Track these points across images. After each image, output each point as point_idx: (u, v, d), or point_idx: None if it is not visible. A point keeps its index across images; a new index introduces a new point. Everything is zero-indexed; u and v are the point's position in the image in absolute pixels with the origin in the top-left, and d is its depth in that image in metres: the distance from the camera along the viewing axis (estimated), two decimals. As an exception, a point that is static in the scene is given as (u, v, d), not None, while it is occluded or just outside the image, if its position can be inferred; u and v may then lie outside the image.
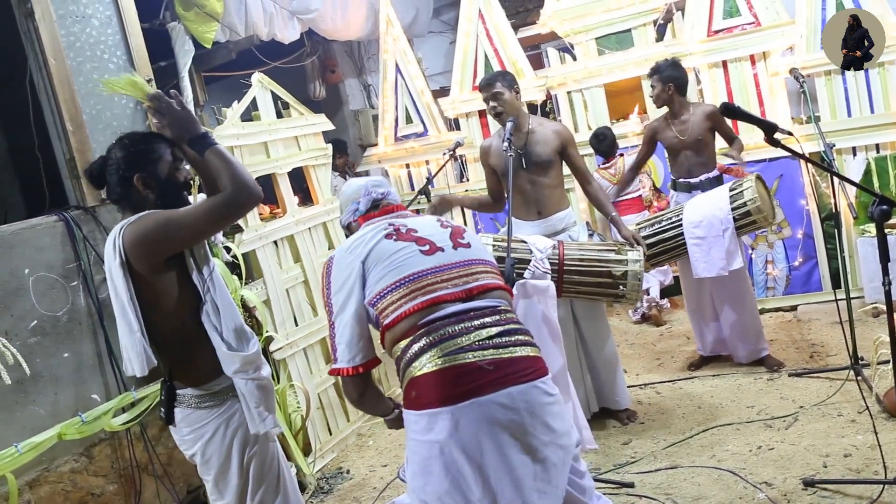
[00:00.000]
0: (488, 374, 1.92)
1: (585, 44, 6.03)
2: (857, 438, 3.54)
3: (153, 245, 2.30)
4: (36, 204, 4.29)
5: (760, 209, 4.24)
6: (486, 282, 2.11)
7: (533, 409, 1.94)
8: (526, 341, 2.04)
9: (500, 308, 2.08)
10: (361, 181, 2.43)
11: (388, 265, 2.07)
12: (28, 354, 3.21)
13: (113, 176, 2.46)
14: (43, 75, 3.72)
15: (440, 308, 2.01)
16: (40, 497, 3.33)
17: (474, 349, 1.95)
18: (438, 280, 2.05)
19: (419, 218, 2.31)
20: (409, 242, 2.12)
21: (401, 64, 6.40)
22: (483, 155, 4.28)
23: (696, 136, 4.56)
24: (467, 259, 2.13)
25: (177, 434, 2.54)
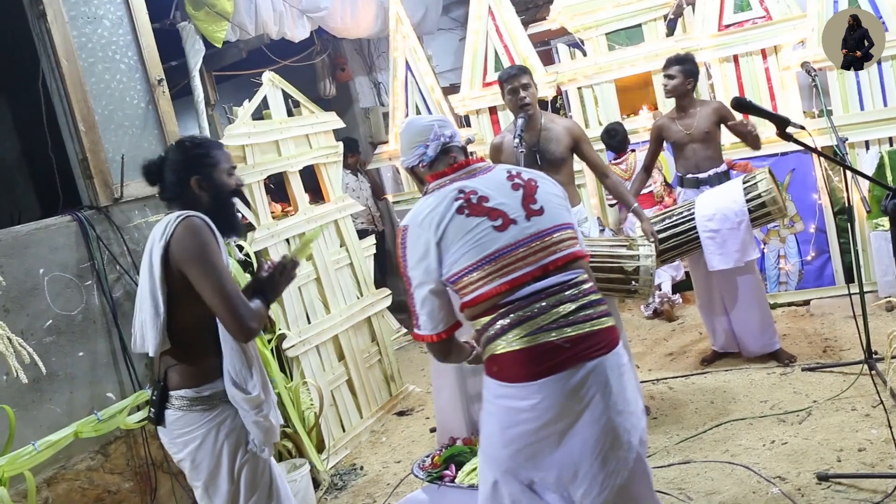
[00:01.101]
0: (566, 352, 2.00)
1: (595, 39, 6.02)
2: (872, 433, 3.53)
3: (185, 255, 2.39)
4: (49, 204, 4.32)
5: (776, 200, 4.23)
6: (563, 253, 2.12)
7: (608, 381, 2.03)
8: (600, 313, 2.10)
9: (575, 281, 2.11)
10: (426, 119, 2.37)
11: (463, 245, 2.08)
12: (43, 353, 3.23)
13: (170, 175, 2.55)
14: (55, 76, 3.74)
15: (519, 290, 2.05)
16: (58, 494, 3.36)
17: (552, 328, 2.01)
18: (514, 259, 2.07)
19: (489, 177, 2.22)
20: (482, 218, 2.10)
21: (411, 61, 6.41)
22: (494, 152, 4.28)
23: (703, 130, 4.55)
24: (541, 230, 2.12)
25: (166, 436, 2.55)
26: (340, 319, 4.85)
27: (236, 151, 4.36)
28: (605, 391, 2.02)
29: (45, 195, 4.61)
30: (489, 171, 2.24)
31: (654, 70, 5.81)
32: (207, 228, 2.44)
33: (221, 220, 2.57)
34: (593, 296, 2.12)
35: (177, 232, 2.40)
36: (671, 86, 4.58)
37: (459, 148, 2.33)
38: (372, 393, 5.09)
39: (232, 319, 2.34)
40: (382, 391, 5.22)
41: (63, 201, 4.05)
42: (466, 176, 2.22)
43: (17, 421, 2.92)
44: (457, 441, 3.31)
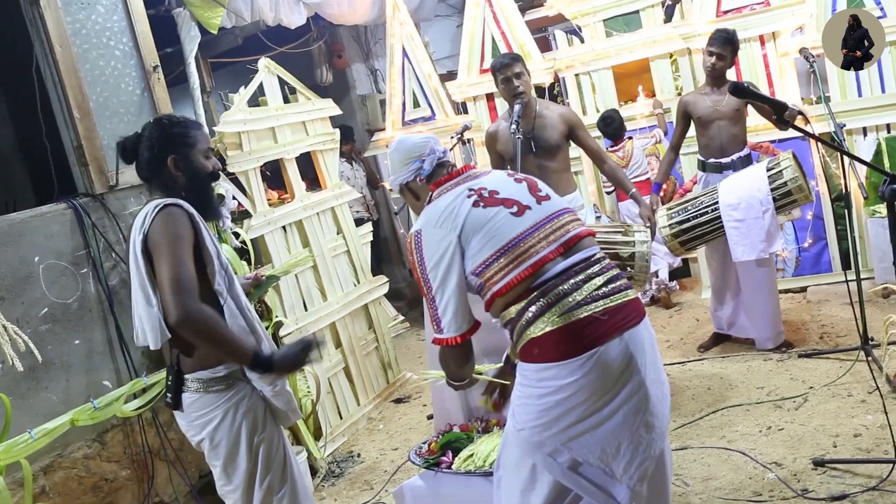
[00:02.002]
0: (604, 324, 2.03)
1: (593, 26, 5.99)
2: (868, 418, 3.54)
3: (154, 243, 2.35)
4: (44, 192, 4.30)
5: (802, 188, 4.17)
6: (576, 231, 2.17)
7: (643, 348, 2.08)
8: (627, 285, 2.15)
9: (597, 256, 2.16)
10: (418, 137, 2.40)
11: (484, 235, 2.10)
12: (39, 342, 3.23)
13: (146, 153, 2.50)
14: (49, 63, 3.72)
15: (547, 269, 2.08)
16: (55, 482, 3.36)
17: (588, 302, 2.05)
18: (535, 241, 2.11)
19: (490, 176, 2.29)
20: (498, 207, 2.15)
21: (408, 48, 6.38)
22: (489, 140, 4.26)
23: (734, 107, 4.46)
24: (552, 212, 2.18)
25: (183, 419, 2.55)
26: (337, 307, 4.85)
27: (232, 138, 4.35)
28: (643, 359, 2.07)
29: (40, 183, 4.59)
30: (488, 173, 2.29)
31: (651, 56, 5.79)
32: (185, 218, 2.39)
33: (198, 203, 2.53)
34: (614, 270, 2.17)
35: (154, 222, 2.36)
36: (720, 66, 4.46)
37: (452, 164, 2.38)
38: (369, 380, 5.09)
39: (168, 302, 2.24)
40: (379, 378, 5.23)
41: (58, 189, 4.03)
42: (471, 178, 2.26)
43: (13, 409, 2.91)
44: (453, 427, 3.31)
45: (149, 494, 3.75)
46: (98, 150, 3.80)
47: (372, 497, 3.85)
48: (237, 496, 2.56)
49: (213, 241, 2.50)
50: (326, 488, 4.08)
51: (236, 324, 2.47)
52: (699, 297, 5.89)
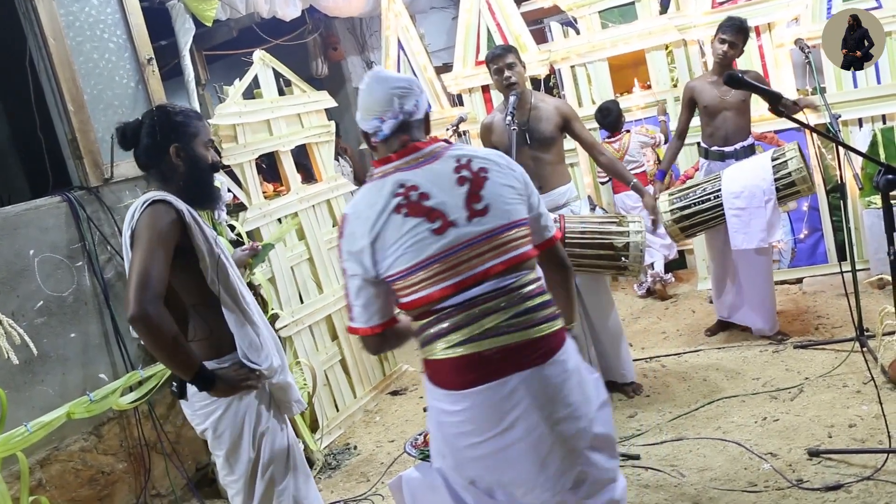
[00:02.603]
0: (495, 363, 1.93)
1: (589, 17, 5.98)
2: (862, 409, 3.55)
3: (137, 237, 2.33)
4: (39, 185, 4.30)
5: (806, 179, 4.17)
6: (504, 258, 1.97)
7: (543, 390, 1.95)
8: (540, 319, 1.98)
9: (513, 286, 1.98)
10: (389, 86, 2.09)
11: (399, 248, 1.96)
12: (35, 335, 3.23)
13: (148, 139, 2.48)
14: (43, 56, 3.70)
15: (452, 296, 1.95)
16: (51, 475, 3.37)
17: (482, 338, 1.93)
18: (451, 265, 1.94)
19: (434, 168, 2.03)
20: (420, 219, 1.95)
21: (403, 40, 6.36)
22: (484, 132, 4.26)
23: (740, 98, 4.47)
24: (481, 233, 1.96)
25: (188, 409, 2.55)
26: (333, 299, 4.85)
27: (227, 131, 4.34)
28: (539, 401, 1.94)
29: (34, 176, 4.59)
30: (436, 159, 2.04)
31: (647, 48, 5.78)
32: (171, 215, 2.36)
33: (198, 193, 2.53)
34: (536, 299, 2.00)
35: (140, 217, 2.34)
36: (731, 55, 4.44)
37: (420, 121, 2.12)
38: (365, 372, 5.10)
39: (130, 296, 2.20)
40: (376, 371, 5.23)
41: (53, 182, 4.03)
42: (412, 164, 2.04)
43: (9, 402, 2.92)
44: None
45: (145, 487, 3.76)
46: (92, 142, 3.79)
47: (368, 489, 3.86)
48: (239, 486, 2.57)
49: (207, 235, 2.48)
50: (323, 480, 4.09)
51: (234, 319, 2.47)
52: (695, 289, 5.90)
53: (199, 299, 2.46)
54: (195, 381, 2.35)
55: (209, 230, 2.52)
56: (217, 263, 2.47)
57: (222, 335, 2.48)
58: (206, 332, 2.47)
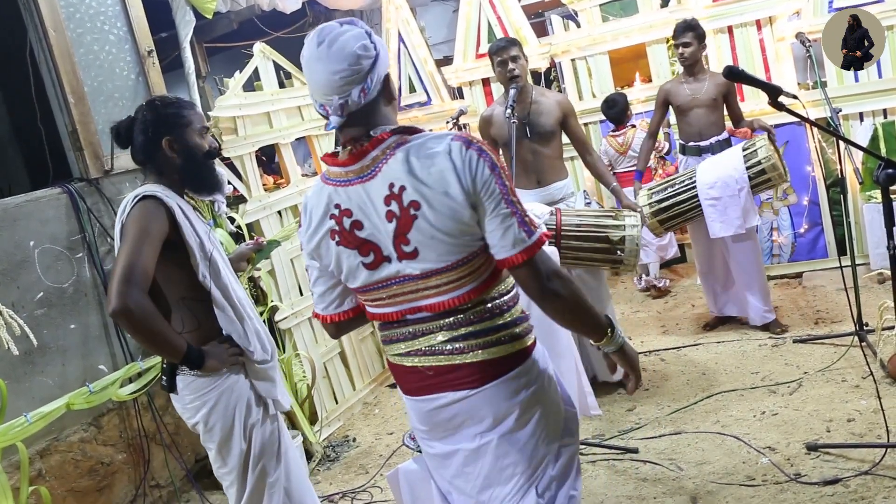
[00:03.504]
0: (428, 378, 1.87)
1: (589, 10, 5.97)
2: (861, 403, 3.56)
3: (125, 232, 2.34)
4: (40, 177, 4.29)
5: (776, 166, 4.25)
6: (437, 300, 1.81)
7: (478, 411, 1.85)
8: (480, 343, 1.82)
9: (455, 318, 1.83)
10: (327, 72, 1.72)
11: (336, 268, 1.87)
12: (35, 326, 3.23)
13: (140, 137, 2.49)
14: (43, 47, 3.70)
15: (394, 320, 1.89)
16: (51, 466, 3.37)
17: (415, 354, 1.87)
18: (389, 295, 1.85)
19: (368, 189, 1.76)
20: (353, 251, 1.81)
21: (403, 33, 6.35)
22: (484, 125, 4.27)
23: (711, 96, 4.59)
24: (413, 274, 1.78)
25: (178, 402, 2.56)
26: (333, 292, 4.84)
27: (227, 123, 4.33)
28: (476, 420, 1.86)
29: (35, 167, 4.58)
30: (373, 175, 1.75)
31: (648, 41, 5.77)
32: (161, 211, 2.37)
33: (198, 181, 2.54)
34: (483, 323, 1.82)
35: (130, 212, 2.36)
36: (688, 53, 4.57)
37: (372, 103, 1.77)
38: (364, 365, 5.10)
39: (113, 289, 2.22)
40: (375, 363, 5.24)
41: (53, 173, 4.03)
42: (350, 178, 1.78)
43: (9, 393, 2.92)
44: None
45: (145, 478, 3.77)
46: (93, 134, 3.79)
47: (367, 481, 3.87)
48: (232, 478, 2.59)
49: (199, 231, 2.47)
50: (322, 472, 4.10)
51: (223, 315, 2.48)
52: (695, 283, 5.89)
53: (189, 293, 2.47)
54: (185, 362, 2.37)
55: (202, 226, 2.52)
56: (209, 259, 2.47)
57: (211, 328, 2.49)
58: (194, 325, 2.48)
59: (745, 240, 4.51)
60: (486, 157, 1.72)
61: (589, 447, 3.66)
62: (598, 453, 3.62)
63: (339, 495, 3.79)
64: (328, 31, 1.74)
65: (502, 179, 1.73)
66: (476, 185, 1.70)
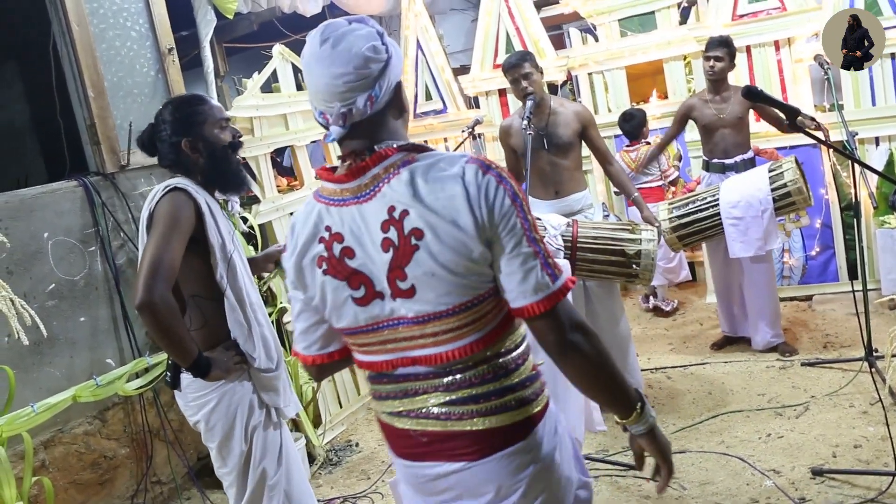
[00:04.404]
0: (422, 444, 1.63)
1: (608, 25, 5.98)
2: (869, 430, 3.53)
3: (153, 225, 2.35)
4: (56, 169, 4.32)
5: (801, 190, 4.22)
6: (432, 352, 1.57)
7: (475, 489, 1.63)
8: (477, 411, 1.57)
9: (451, 375, 1.58)
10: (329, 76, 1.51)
11: (321, 301, 1.63)
12: (45, 317, 3.24)
13: (163, 142, 2.50)
14: (66, 41, 3.73)
15: (384, 371, 1.65)
16: (55, 457, 3.39)
17: (407, 416, 1.63)
18: (378, 341, 1.61)
19: (365, 211, 1.53)
20: (342, 282, 1.57)
21: (422, 40, 6.37)
22: (503, 135, 4.28)
23: (736, 115, 4.53)
24: (408, 317, 1.55)
25: (182, 400, 2.57)
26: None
27: (244, 123, 4.35)
28: (474, 495, 1.63)
29: (52, 160, 4.61)
30: (372, 196, 1.53)
31: (665, 58, 5.77)
32: (189, 205, 2.38)
33: (223, 179, 2.54)
34: (486, 385, 1.57)
35: (160, 202, 2.37)
36: (718, 68, 4.49)
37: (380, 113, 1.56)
38: (371, 370, 5.09)
39: (141, 282, 2.23)
40: (381, 369, 5.22)
41: (70, 166, 4.05)
42: (345, 198, 1.56)
43: (17, 383, 2.93)
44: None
45: (147, 474, 3.77)
46: (111, 129, 3.81)
47: (368, 486, 3.86)
48: (232, 478, 2.58)
49: (223, 231, 2.48)
50: (323, 476, 4.09)
51: (234, 318, 2.48)
52: (704, 302, 5.88)
53: (202, 291, 2.47)
54: (191, 368, 2.37)
55: (227, 226, 2.52)
56: (229, 260, 2.47)
57: (217, 328, 2.49)
58: (200, 323, 2.48)
59: (762, 261, 4.48)
60: (507, 185, 1.49)
61: (592, 462, 3.65)
62: (602, 469, 3.61)
63: (341, 499, 3.79)
64: (334, 29, 1.53)
65: (525, 213, 1.50)
66: (493, 218, 1.47)
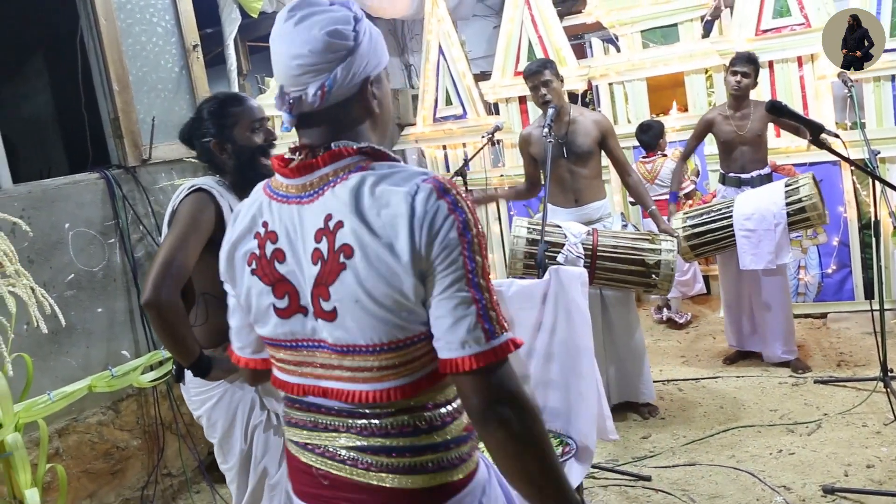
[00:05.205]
0: (322, 487, 1.40)
1: (630, 36, 5.97)
2: (882, 450, 3.51)
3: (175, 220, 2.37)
4: (78, 161, 4.36)
5: (816, 206, 4.22)
6: (348, 388, 1.35)
7: None
8: (388, 466, 1.34)
9: (366, 416, 1.36)
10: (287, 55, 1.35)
11: (244, 302, 1.47)
12: (63, 307, 3.26)
13: (197, 140, 2.52)
14: (93, 35, 3.77)
15: (296, 395, 1.45)
16: (68, 445, 3.41)
17: (313, 451, 1.41)
18: (295, 361, 1.43)
19: (305, 213, 1.34)
20: (268, 287, 1.39)
21: (444, 45, 6.39)
22: (523, 143, 4.30)
23: (755, 132, 4.53)
24: (327, 342, 1.34)
25: (186, 394, 2.58)
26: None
27: (265, 122, 4.38)
28: None
29: (74, 151, 4.66)
30: (312, 200, 1.34)
31: (687, 71, 5.76)
32: (210, 206, 2.38)
33: (252, 181, 2.53)
34: (401, 439, 1.34)
35: (183, 202, 2.39)
36: (745, 84, 4.49)
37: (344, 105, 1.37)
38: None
39: (150, 280, 2.24)
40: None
41: (92, 159, 4.09)
42: (289, 195, 1.37)
43: (35, 370, 2.96)
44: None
45: (157, 466, 3.80)
46: (134, 123, 3.85)
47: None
48: (232, 475, 2.58)
49: None
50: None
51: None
52: (717, 315, 5.85)
53: (213, 290, 2.46)
54: (191, 367, 2.38)
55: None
56: None
57: (222, 327, 2.47)
58: (204, 319, 2.49)
59: (775, 275, 4.47)
60: (461, 215, 1.24)
61: (602, 471, 3.64)
62: (611, 478, 3.60)
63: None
64: (305, 4, 1.35)
65: (473, 251, 1.25)
66: (432, 248, 1.23)
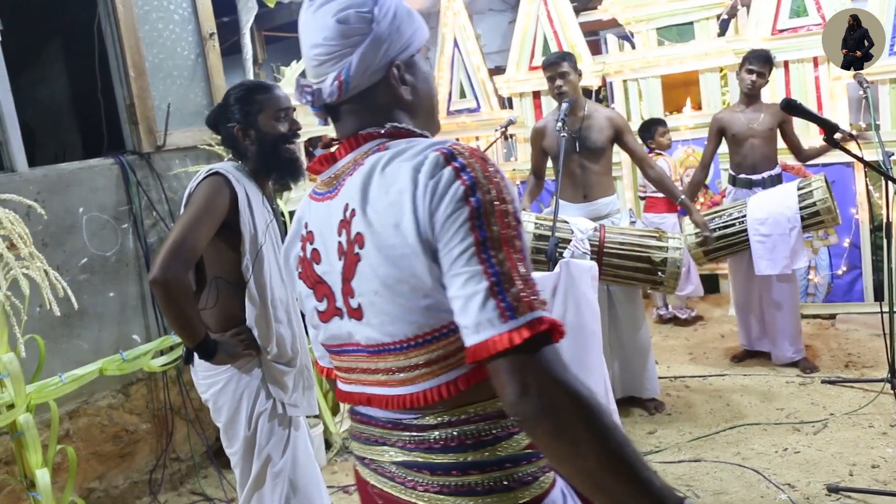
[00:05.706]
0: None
1: (646, 33, 5.97)
2: (888, 451, 3.51)
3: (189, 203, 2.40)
4: (93, 145, 4.39)
5: (830, 209, 4.22)
6: (386, 392, 1.25)
7: None
8: (439, 485, 1.19)
9: (411, 424, 1.23)
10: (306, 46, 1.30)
11: (302, 308, 1.40)
12: (76, 290, 3.28)
13: (222, 125, 2.54)
14: (111, 21, 3.79)
15: (352, 404, 1.38)
16: (78, 428, 3.45)
17: (368, 466, 1.32)
18: (342, 367, 1.35)
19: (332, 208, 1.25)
20: (310, 290, 1.32)
21: (459, 39, 6.40)
22: (536, 136, 4.30)
23: (767, 126, 4.53)
24: (361, 344, 1.25)
25: (195, 376, 2.60)
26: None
27: (279, 111, 4.40)
28: None
29: (89, 136, 4.69)
30: (336, 192, 1.25)
31: (702, 69, 5.75)
32: (226, 191, 2.40)
33: (274, 167, 2.54)
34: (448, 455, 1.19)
35: (199, 186, 2.41)
36: (759, 84, 4.50)
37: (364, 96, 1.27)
38: (390, 363, 5.12)
39: (159, 259, 2.26)
40: (400, 362, 5.25)
41: (107, 144, 4.12)
42: (323, 191, 1.30)
43: (47, 353, 2.99)
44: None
45: (166, 450, 3.83)
46: (149, 109, 3.87)
47: (383, 476, 3.88)
48: (237, 459, 2.60)
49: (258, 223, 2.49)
50: (339, 463, 4.13)
51: (251, 308, 2.48)
52: (726, 313, 5.86)
53: (225, 274, 2.49)
54: (196, 349, 2.40)
55: (263, 218, 2.52)
56: (258, 252, 2.49)
57: (231, 312, 2.49)
58: (213, 303, 2.51)
59: (787, 280, 4.47)
60: (468, 178, 1.09)
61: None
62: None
63: (355, 487, 3.81)
64: None
65: (482, 217, 1.07)
66: (434, 219, 1.09)
